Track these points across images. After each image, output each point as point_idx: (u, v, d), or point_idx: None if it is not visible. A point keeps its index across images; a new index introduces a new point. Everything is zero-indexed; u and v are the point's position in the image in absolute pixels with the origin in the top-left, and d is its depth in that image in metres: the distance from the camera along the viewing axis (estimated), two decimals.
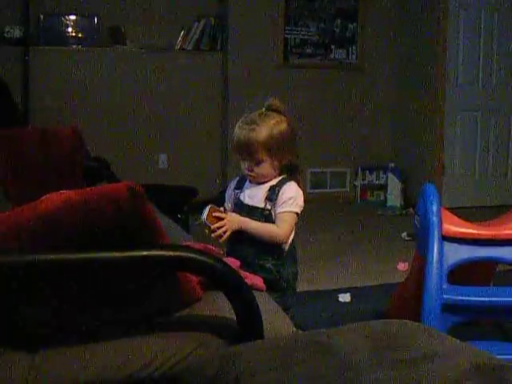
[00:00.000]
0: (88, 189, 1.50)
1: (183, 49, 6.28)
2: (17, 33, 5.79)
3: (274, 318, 1.74)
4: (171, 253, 1.51)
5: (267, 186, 2.37)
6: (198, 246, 2.06)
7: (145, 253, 1.47)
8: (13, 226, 1.44)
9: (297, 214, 2.36)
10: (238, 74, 6.30)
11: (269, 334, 1.58)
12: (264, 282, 2.05)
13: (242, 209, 2.40)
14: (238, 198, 2.44)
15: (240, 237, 2.35)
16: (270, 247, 2.35)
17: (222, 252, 2.22)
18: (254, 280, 1.99)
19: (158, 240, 1.53)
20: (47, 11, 5.89)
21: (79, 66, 6.02)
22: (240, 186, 2.47)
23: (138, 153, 6.23)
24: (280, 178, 2.38)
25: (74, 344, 1.51)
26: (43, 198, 1.48)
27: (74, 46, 6.00)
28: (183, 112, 6.33)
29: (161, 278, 1.57)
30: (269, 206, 2.34)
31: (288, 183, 2.37)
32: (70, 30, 5.98)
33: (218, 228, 2.28)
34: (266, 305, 1.79)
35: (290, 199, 2.33)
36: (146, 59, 6.20)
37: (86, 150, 3.69)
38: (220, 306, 1.65)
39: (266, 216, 2.34)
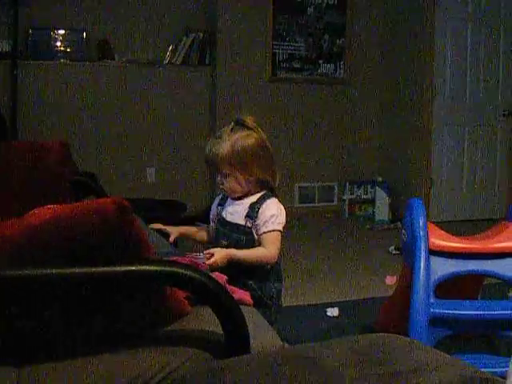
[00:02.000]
0: (75, 204, 1.50)
1: (172, 63, 6.30)
2: (5, 46, 5.80)
3: (261, 333, 1.74)
4: (158, 268, 1.50)
5: (248, 202, 2.36)
6: (184, 260, 2.06)
7: (132, 268, 1.47)
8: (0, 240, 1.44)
9: (280, 231, 2.34)
10: (226, 89, 6.32)
11: (256, 348, 1.58)
12: None
13: (224, 226, 2.40)
14: (221, 215, 2.43)
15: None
16: (254, 267, 2.33)
17: (208, 267, 2.21)
18: (242, 295, 1.99)
19: (145, 255, 1.53)
20: (36, 25, 5.90)
21: (67, 80, 6.03)
22: (222, 203, 2.46)
23: (126, 167, 6.23)
24: (261, 193, 2.36)
25: (61, 358, 1.51)
26: (31, 212, 1.48)
27: (63, 61, 6.01)
28: (172, 126, 6.35)
29: (148, 293, 1.57)
30: (249, 224, 2.33)
31: (268, 200, 2.35)
32: (58, 44, 5.99)
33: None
34: (253, 319, 1.79)
35: (271, 217, 2.31)
36: (135, 73, 6.21)
37: (74, 164, 3.69)
38: (207, 321, 1.65)
39: (246, 233, 2.33)
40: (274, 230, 2.32)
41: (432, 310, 2.63)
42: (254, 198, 2.36)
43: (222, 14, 6.28)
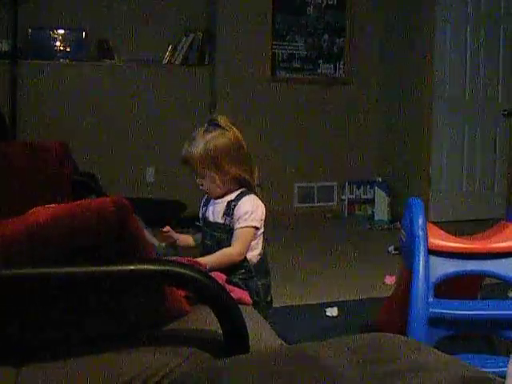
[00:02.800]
0: (74, 203, 1.50)
1: (171, 63, 6.30)
2: (5, 46, 5.80)
3: (260, 332, 1.74)
4: (158, 267, 1.50)
5: (225, 201, 2.38)
6: (183, 260, 2.06)
7: (132, 267, 1.47)
8: None
9: (255, 227, 2.35)
10: (225, 89, 6.31)
11: (255, 347, 1.58)
12: None
13: (208, 226, 2.42)
14: (205, 215, 2.46)
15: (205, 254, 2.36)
16: (235, 264, 2.34)
17: (207, 266, 2.22)
18: (240, 294, 1.99)
19: (144, 254, 1.53)
20: (35, 25, 5.90)
21: (67, 80, 6.03)
22: (206, 204, 2.48)
23: (125, 166, 6.22)
24: (239, 191, 2.38)
25: (60, 358, 1.51)
26: (30, 211, 1.48)
27: (62, 60, 6.01)
28: (171, 126, 6.34)
29: (147, 292, 1.57)
30: (228, 222, 2.35)
31: (245, 198, 2.36)
32: (58, 43, 5.99)
33: None
34: (252, 319, 1.79)
35: (245, 214, 2.32)
36: (134, 73, 6.21)
37: (74, 164, 3.68)
38: (206, 320, 1.65)
39: (227, 232, 2.35)
40: (246, 227, 2.33)
41: (431, 309, 2.63)
42: (232, 196, 2.38)
43: (221, 14, 6.27)
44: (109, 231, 1.44)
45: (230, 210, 2.35)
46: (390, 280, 4.35)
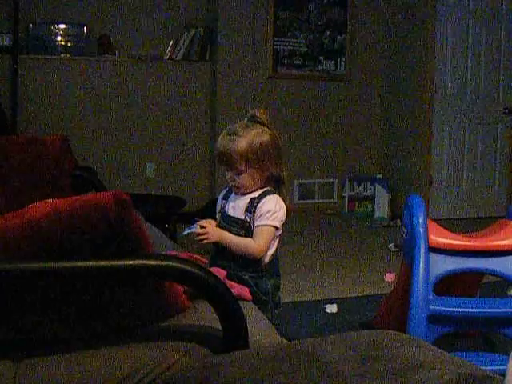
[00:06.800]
0: (74, 197, 1.50)
1: (172, 59, 6.29)
2: (6, 41, 5.79)
3: (260, 328, 1.74)
4: (158, 262, 1.50)
5: (248, 197, 2.36)
6: (183, 255, 2.06)
7: (131, 262, 1.47)
8: None
9: (275, 227, 2.34)
10: (226, 85, 6.31)
11: (254, 344, 1.58)
12: None
13: (225, 219, 2.41)
14: (224, 209, 2.44)
15: (219, 249, 2.36)
16: (248, 260, 2.33)
17: (207, 262, 2.21)
18: (241, 290, 1.99)
19: (143, 249, 1.53)
20: (36, 20, 5.89)
21: (68, 75, 6.02)
22: (227, 197, 2.47)
23: (126, 162, 6.23)
24: (263, 190, 2.36)
25: (59, 353, 1.50)
26: (30, 206, 1.48)
27: (63, 55, 6.00)
28: (172, 121, 6.34)
29: (147, 288, 1.57)
30: (248, 219, 2.33)
31: (269, 196, 2.34)
32: (59, 38, 5.98)
33: (202, 233, 2.31)
34: (252, 315, 1.79)
35: (267, 212, 2.31)
36: (135, 69, 6.21)
37: (74, 159, 3.69)
38: (206, 316, 1.65)
39: (245, 228, 2.33)
40: (267, 225, 2.32)
41: (431, 307, 2.63)
42: (256, 194, 2.36)
43: (222, 10, 6.27)
44: (108, 226, 1.44)
45: (252, 207, 2.33)
46: (389, 277, 4.35)
